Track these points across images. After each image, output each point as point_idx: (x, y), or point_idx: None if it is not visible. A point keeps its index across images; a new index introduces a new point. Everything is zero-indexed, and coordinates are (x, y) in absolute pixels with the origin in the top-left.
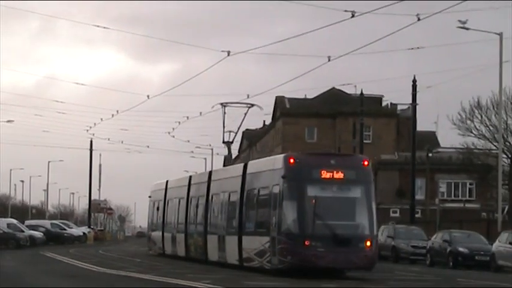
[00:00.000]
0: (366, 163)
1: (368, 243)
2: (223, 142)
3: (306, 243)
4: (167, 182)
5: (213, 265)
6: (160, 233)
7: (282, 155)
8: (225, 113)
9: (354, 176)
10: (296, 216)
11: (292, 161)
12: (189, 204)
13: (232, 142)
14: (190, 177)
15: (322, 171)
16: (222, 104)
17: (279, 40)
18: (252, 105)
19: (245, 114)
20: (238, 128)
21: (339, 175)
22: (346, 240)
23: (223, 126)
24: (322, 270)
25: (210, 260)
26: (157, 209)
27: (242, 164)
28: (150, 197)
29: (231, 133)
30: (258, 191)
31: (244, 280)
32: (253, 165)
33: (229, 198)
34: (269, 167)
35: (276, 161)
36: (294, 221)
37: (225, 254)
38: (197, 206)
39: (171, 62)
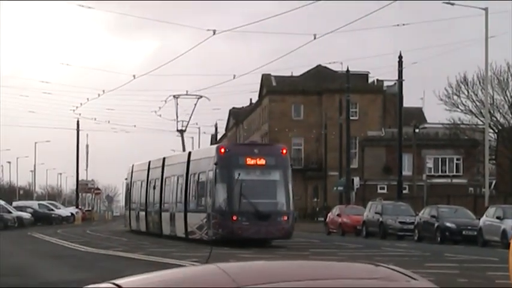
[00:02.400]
0: (284, 151)
1: (285, 218)
2: (177, 130)
3: (234, 218)
4: (133, 166)
5: (167, 238)
6: (128, 211)
7: (215, 146)
8: (177, 104)
9: (274, 162)
10: (226, 196)
11: (222, 150)
12: (148, 186)
13: (185, 130)
14: (150, 162)
15: (247, 159)
16: (174, 96)
17: (264, 18)
18: (201, 96)
19: (195, 105)
20: (190, 118)
21: (261, 162)
22: (266, 215)
23: (177, 116)
24: (248, 240)
25: (164, 234)
26: (128, 190)
27: (188, 152)
28: (126, 179)
29: (184, 122)
30: (198, 175)
31: (229, 258)
32: (196, 153)
33: (177, 181)
34: (206, 155)
35: (210, 150)
36: (224, 200)
37: (175, 228)
38: (154, 188)
39: (152, 40)
